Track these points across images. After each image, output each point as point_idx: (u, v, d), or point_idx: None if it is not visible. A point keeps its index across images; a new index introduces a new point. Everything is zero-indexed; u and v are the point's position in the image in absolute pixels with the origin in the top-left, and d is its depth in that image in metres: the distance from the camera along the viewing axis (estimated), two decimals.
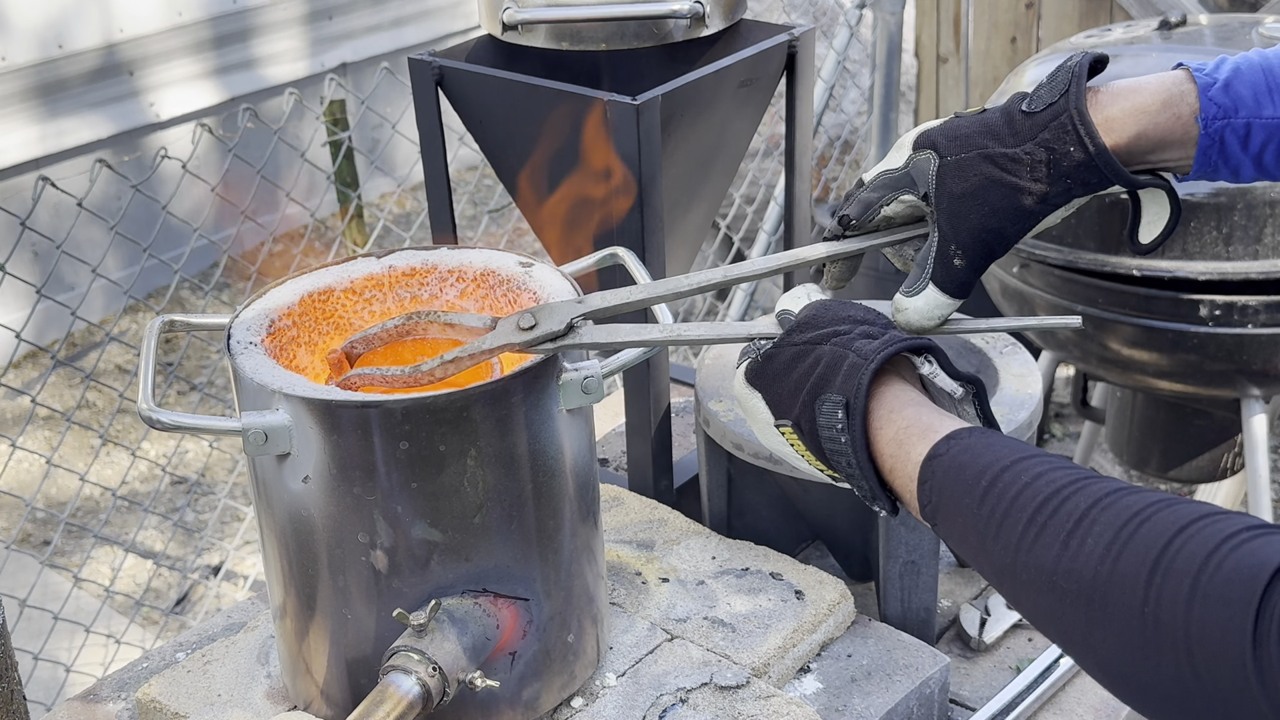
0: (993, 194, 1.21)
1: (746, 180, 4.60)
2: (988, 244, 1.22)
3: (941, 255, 1.23)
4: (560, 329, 1.26)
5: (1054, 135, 1.18)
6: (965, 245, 1.22)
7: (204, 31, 5.17)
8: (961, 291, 1.24)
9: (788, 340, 1.18)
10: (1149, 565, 0.86)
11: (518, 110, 1.63)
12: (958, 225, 1.22)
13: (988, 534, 0.99)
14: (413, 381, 1.28)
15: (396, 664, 1.26)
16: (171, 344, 4.74)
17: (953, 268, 1.23)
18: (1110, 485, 0.95)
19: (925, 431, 1.08)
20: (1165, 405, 2.95)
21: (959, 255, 1.23)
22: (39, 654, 2.94)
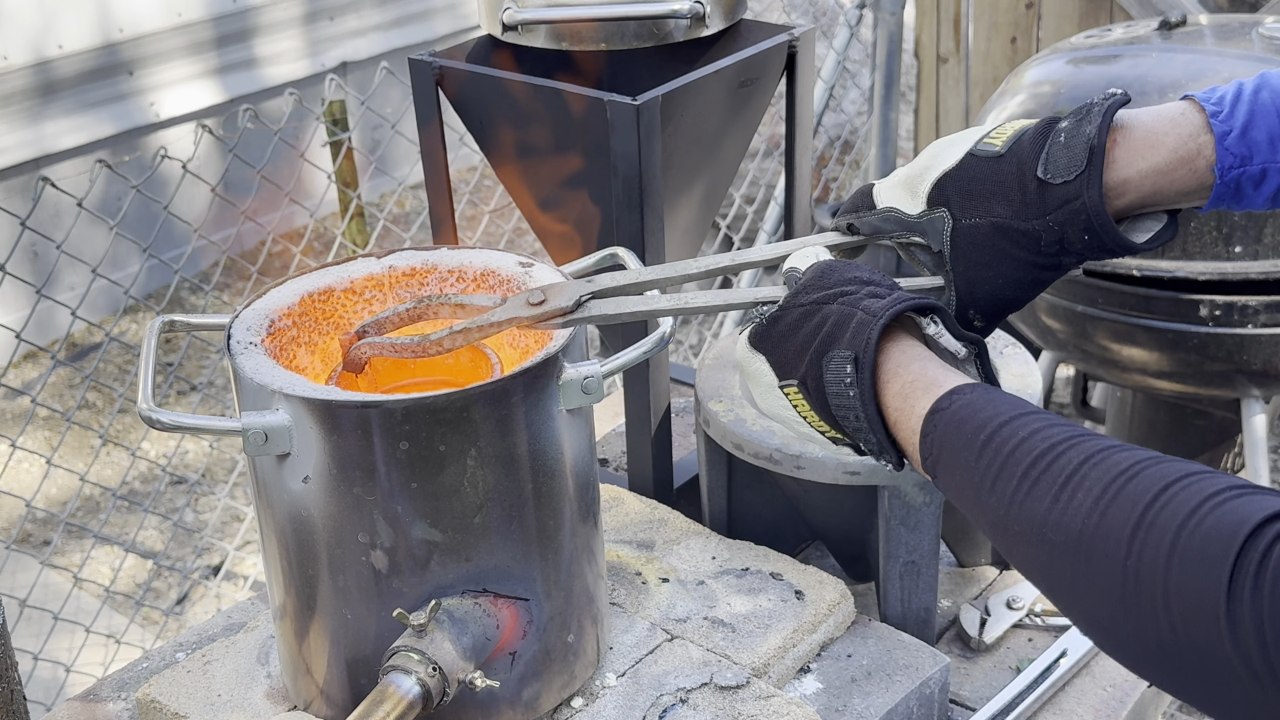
0: (1006, 267, 1.23)
1: (746, 180, 4.60)
2: (1003, 308, 1.27)
3: (961, 316, 1.27)
4: (569, 305, 1.27)
5: (1068, 218, 1.19)
6: (982, 309, 1.27)
7: (204, 31, 5.17)
8: (986, 334, 1.29)
9: (794, 301, 1.20)
10: (1133, 521, 0.88)
11: (518, 110, 1.63)
12: (974, 293, 1.26)
13: (983, 486, 1.01)
14: (421, 351, 1.29)
15: (396, 664, 1.26)
16: (171, 344, 4.74)
17: (975, 327, 1.28)
18: (1103, 443, 0.97)
19: (930, 386, 1.10)
20: (1165, 405, 2.95)
21: (978, 318, 1.28)
22: (39, 654, 2.95)
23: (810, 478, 1.53)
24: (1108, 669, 1.61)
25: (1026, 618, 1.65)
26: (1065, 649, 1.59)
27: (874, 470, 1.50)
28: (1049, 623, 1.65)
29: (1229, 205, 1.25)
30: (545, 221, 1.72)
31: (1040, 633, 1.65)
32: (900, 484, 1.50)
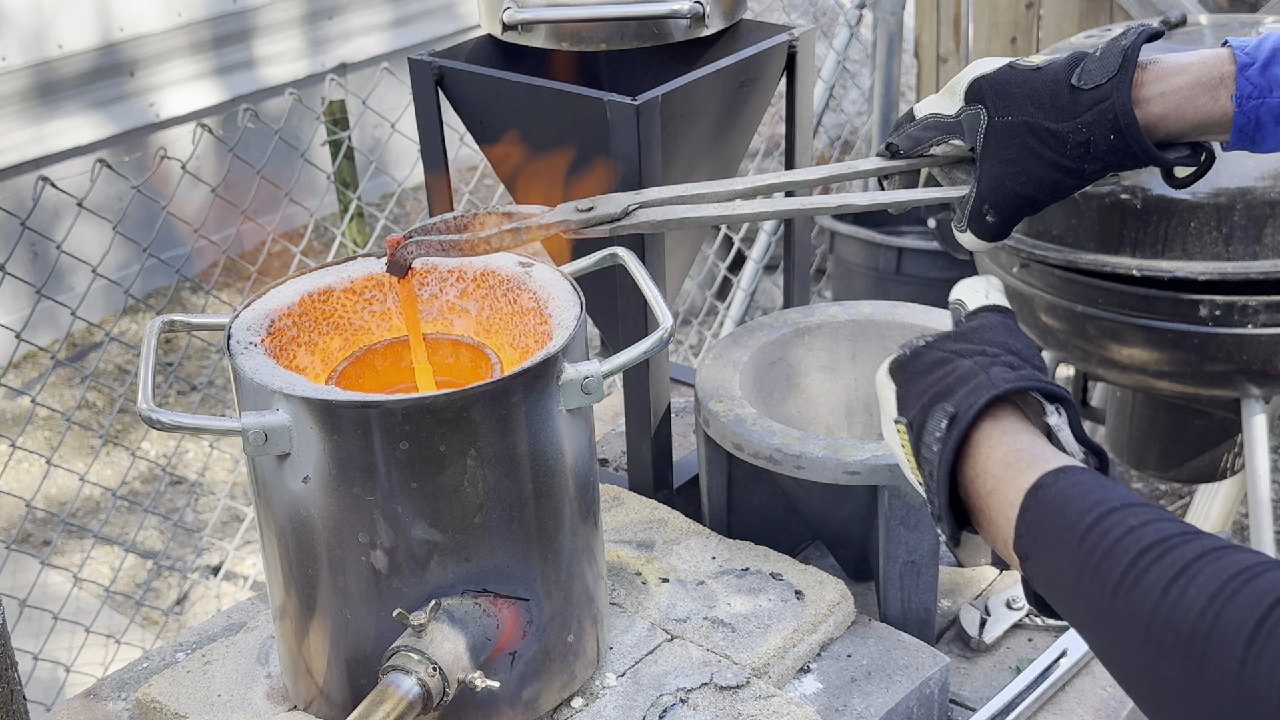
0: (1031, 165, 1.28)
1: None
2: (1019, 208, 1.32)
3: (976, 211, 1.34)
4: (617, 212, 1.28)
5: (1096, 119, 1.24)
6: (998, 206, 1.32)
7: (204, 31, 5.17)
8: (994, 238, 1.35)
9: (938, 344, 1.18)
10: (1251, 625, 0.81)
11: (518, 110, 1.63)
12: (995, 189, 1.31)
13: (1084, 573, 0.94)
14: (469, 249, 1.30)
15: (396, 664, 1.26)
16: (171, 344, 4.74)
17: (985, 222, 1.34)
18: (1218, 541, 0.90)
19: (1036, 460, 1.03)
20: (1165, 405, 2.94)
21: (991, 213, 1.33)
22: (39, 654, 2.94)
23: (810, 478, 1.53)
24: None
25: (1026, 618, 1.65)
26: (1065, 649, 1.59)
27: (874, 470, 1.50)
28: (1049, 623, 1.65)
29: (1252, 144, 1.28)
30: None
31: (1040, 633, 1.65)
32: (900, 484, 1.50)
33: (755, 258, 4.07)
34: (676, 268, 1.78)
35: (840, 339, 1.77)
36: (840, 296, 3.93)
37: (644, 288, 1.42)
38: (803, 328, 1.77)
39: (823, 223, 3.91)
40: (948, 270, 3.59)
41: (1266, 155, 2.36)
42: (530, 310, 1.41)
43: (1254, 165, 2.36)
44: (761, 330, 1.76)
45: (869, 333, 1.77)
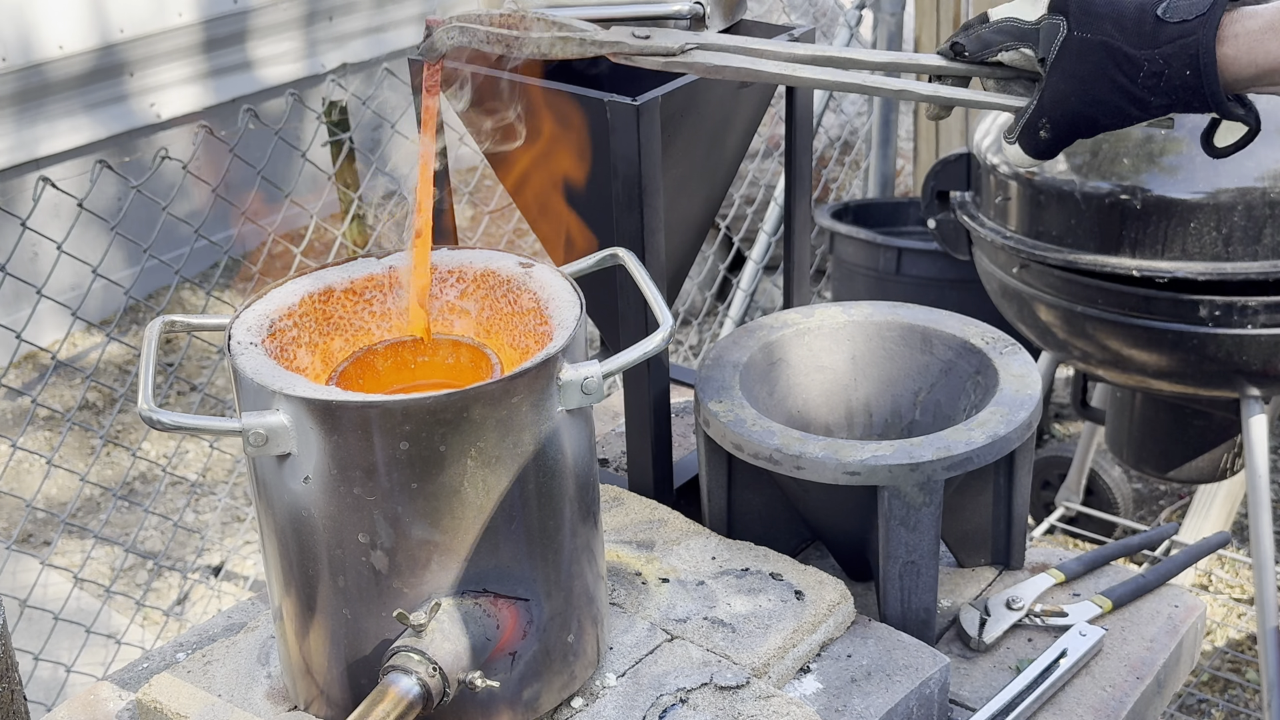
0: (1100, 86, 1.29)
1: (746, 180, 4.60)
2: (1077, 127, 1.32)
3: (1031, 124, 1.33)
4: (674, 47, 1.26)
5: (1176, 52, 1.25)
6: (1056, 122, 1.32)
7: (204, 32, 5.17)
8: (1042, 156, 1.34)
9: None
10: None
11: (518, 110, 1.63)
12: (1058, 103, 1.31)
13: None
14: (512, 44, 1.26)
15: (396, 664, 1.26)
16: (172, 345, 4.74)
17: (1038, 137, 1.33)
18: None
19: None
20: (1165, 405, 2.95)
21: (1046, 129, 1.33)
22: (39, 654, 2.94)
23: (810, 478, 1.53)
24: (1108, 669, 1.61)
25: (1026, 618, 1.66)
26: (1065, 649, 1.59)
27: (874, 470, 1.50)
28: (1049, 623, 1.65)
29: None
30: (545, 222, 1.72)
31: (1040, 633, 1.65)
32: (900, 484, 1.51)
33: (755, 258, 4.07)
34: (676, 267, 1.79)
35: (840, 339, 1.77)
36: (840, 296, 3.93)
37: (644, 288, 1.43)
38: (803, 328, 1.77)
39: (823, 223, 3.91)
40: (948, 270, 3.59)
41: (1266, 155, 2.36)
42: (530, 310, 1.41)
43: (1254, 165, 2.36)
44: (761, 330, 1.76)
45: (869, 333, 1.77)
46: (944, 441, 1.53)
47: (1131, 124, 1.31)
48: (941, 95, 1.41)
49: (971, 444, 1.52)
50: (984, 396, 1.64)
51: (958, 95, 1.41)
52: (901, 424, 1.76)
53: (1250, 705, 3.11)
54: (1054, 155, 1.36)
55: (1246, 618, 3.35)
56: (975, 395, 1.67)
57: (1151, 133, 2.43)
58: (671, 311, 1.40)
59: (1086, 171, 2.46)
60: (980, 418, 1.57)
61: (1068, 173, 2.49)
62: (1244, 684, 3.15)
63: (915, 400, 1.75)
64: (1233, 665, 3.24)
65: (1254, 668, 3.20)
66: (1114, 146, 2.45)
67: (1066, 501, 3.46)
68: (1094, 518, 3.47)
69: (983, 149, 2.70)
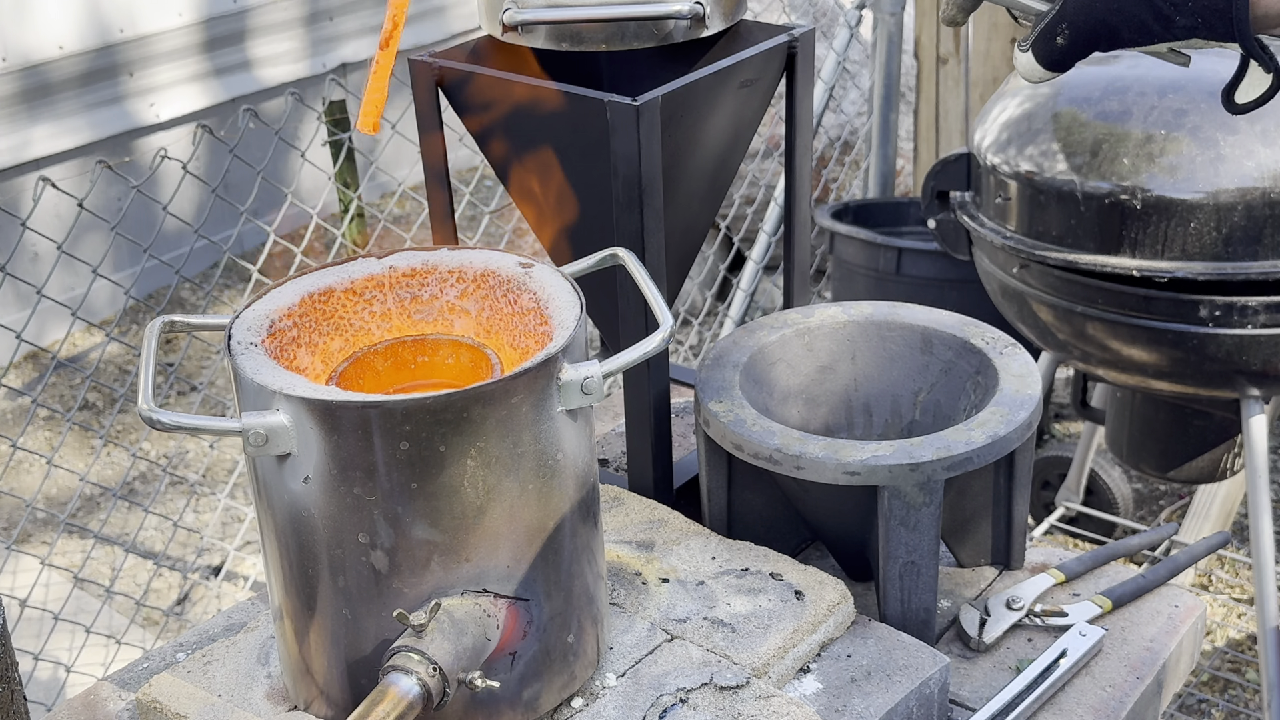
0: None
1: (746, 180, 4.60)
2: (1096, 36, 1.29)
3: (1049, 30, 1.29)
4: None
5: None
6: (1076, 28, 1.28)
7: (204, 32, 5.17)
8: (1056, 67, 1.31)
9: None
10: None
11: (518, 111, 1.63)
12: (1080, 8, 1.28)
13: None
14: None
15: (396, 664, 1.26)
16: (172, 345, 4.74)
17: (1054, 44, 1.30)
18: None
19: None
20: (1165, 405, 2.95)
21: (1064, 34, 1.29)
22: (39, 654, 2.95)
23: (810, 478, 1.53)
24: (1107, 669, 1.61)
25: (1026, 618, 1.66)
26: (1065, 649, 1.59)
27: (874, 470, 1.50)
28: (1049, 623, 1.65)
29: None
30: (545, 222, 1.72)
31: (1040, 633, 1.65)
32: (900, 484, 1.51)
33: (755, 258, 4.07)
34: (676, 267, 1.79)
35: (840, 339, 1.77)
36: (840, 296, 3.93)
37: (644, 288, 1.43)
38: (803, 328, 1.77)
39: (823, 223, 3.91)
40: (948, 271, 3.59)
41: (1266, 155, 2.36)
42: (530, 311, 1.41)
43: (1254, 165, 2.36)
44: (761, 330, 1.76)
45: (869, 333, 1.77)
46: (944, 441, 1.53)
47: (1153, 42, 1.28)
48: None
49: (971, 444, 1.52)
50: (984, 396, 1.64)
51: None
52: (901, 424, 1.76)
53: (1250, 705, 3.11)
54: (1067, 67, 1.32)
55: (1246, 618, 3.35)
56: (975, 395, 1.67)
57: (1151, 133, 2.43)
58: (671, 311, 1.40)
59: (1086, 171, 2.46)
60: (980, 418, 1.57)
61: (1068, 173, 2.49)
62: (1244, 684, 3.15)
63: (915, 400, 1.75)
64: (1233, 665, 3.24)
65: (1254, 668, 3.20)
66: (1114, 147, 2.45)
67: (1066, 501, 3.46)
68: (1094, 518, 3.47)
69: (983, 149, 2.70)
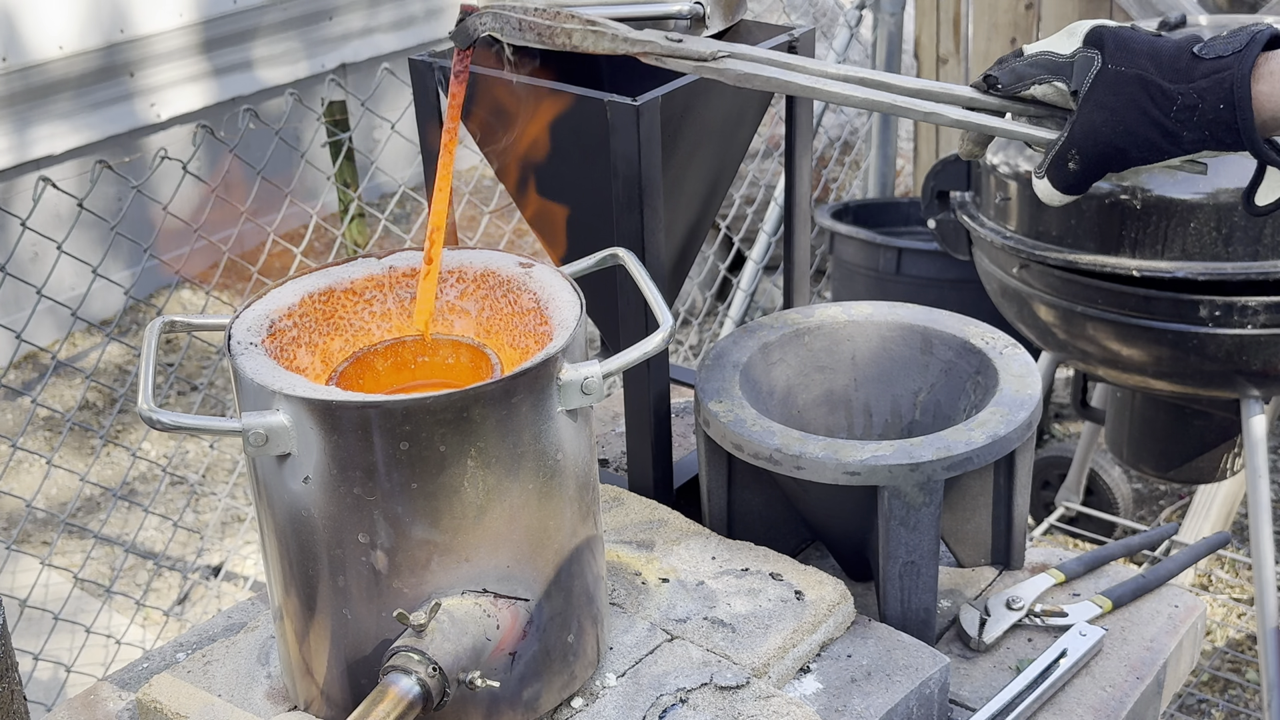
0: (1132, 118, 1.28)
1: (746, 180, 4.60)
2: (1106, 160, 1.31)
3: (1060, 157, 1.32)
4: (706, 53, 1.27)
5: (1210, 86, 1.25)
6: (1085, 154, 1.30)
7: (204, 32, 5.17)
8: (1071, 190, 1.33)
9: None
10: None
11: (517, 111, 1.63)
12: (1088, 134, 1.30)
13: None
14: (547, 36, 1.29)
15: (396, 664, 1.26)
16: (172, 345, 4.74)
17: (1067, 170, 1.32)
18: None
19: None
20: (1165, 405, 2.95)
21: (1075, 160, 1.31)
22: (39, 654, 2.94)
23: (810, 478, 1.53)
24: (1107, 669, 1.61)
25: (1026, 618, 1.66)
26: (1065, 649, 1.59)
27: (874, 470, 1.50)
28: (1049, 623, 1.65)
29: None
30: (545, 222, 1.72)
31: (1040, 633, 1.65)
32: (900, 484, 1.51)
33: (755, 258, 4.07)
34: (676, 268, 1.78)
35: (840, 339, 1.77)
36: (840, 296, 3.93)
37: (644, 288, 1.43)
38: (803, 328, 1.77)
39: (823, 223, 3.91)
40: (947, 271, 3.59)
41: None
42: (530, 311, 1.41)
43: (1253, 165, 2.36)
44: (761, 330, 1.76)
45: (869, 333, 1.77)
46: (944, 441, 1.53)
47: (1163, 159, 1.30)
48: (971, 121, 1.40)
49: (971, 444, 1.52)
50: (984, 396, 1.64)
51: (987, 123, 1.40)
52: (901, 424, 1.76)
53: (1250, 705, 3.11)
54: (1083, 190, 1.34)
55: (1246, 618, 3.35)
56: (975, 395, 1.67)
57: None
58: (671, 311, 1.40)
59: None
60: (980, 418, 1.57)
61: None
62: (1244, 684, 3.15)
63: (915, 400, 1.75)
64: (1233, 665, 3.24)
65: (1254, 668, 3.20)
66: None
67: (1066, 501, 3.46)
68: (1094, 518, 3.47)
69: None
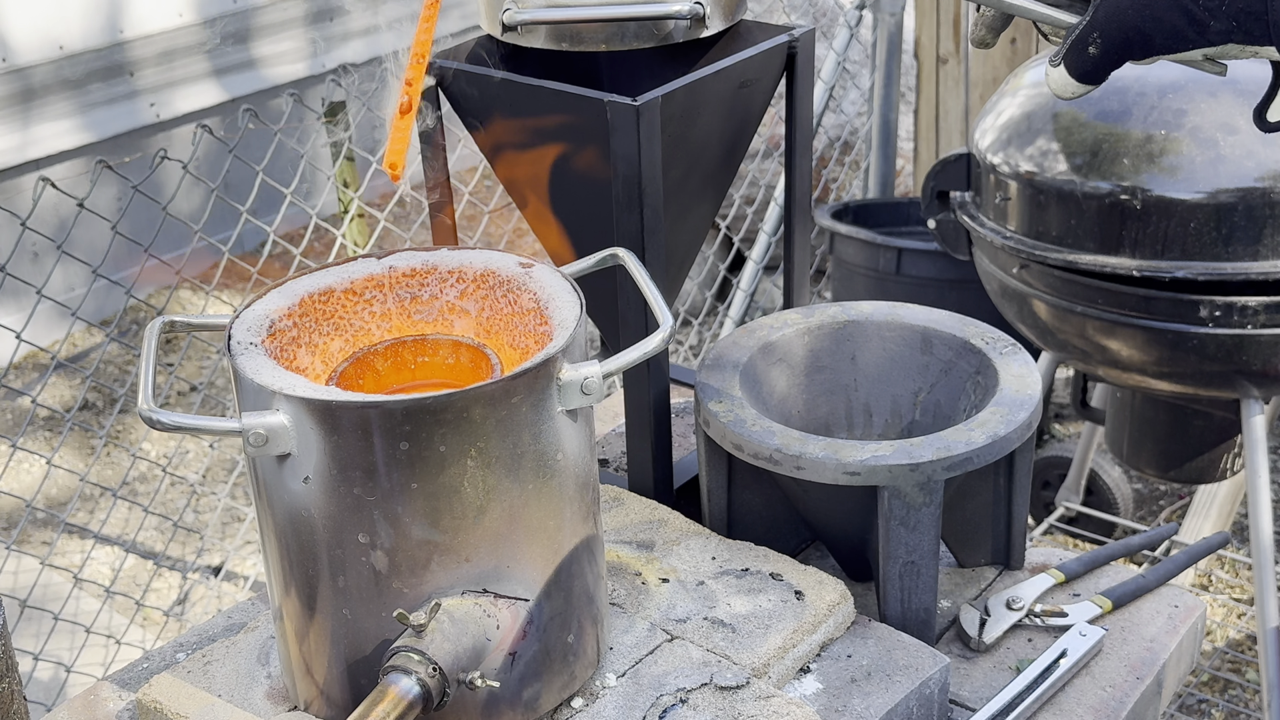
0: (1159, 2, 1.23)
1: (746, 180, 4.60)
2: (1129, 45, 1.26)
3: (1080, 40, 1.27)
4: None
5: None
6: (1108, 37, 1.26)
7: (204, 32, 5.17)
8: (1088, 79, 1.28)
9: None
10: None
11: (518, 110, 1.63)
12: (1112, 17, 1.25)
13: None
14: None
15: (396, 664, 1.26)
16: (172, 345, 4.74)
17: (1086, 55, 1.27)
18: None
19: None
20: (1165, 405, 2.95)
21: (1096, 44, 1.26)
22: (39, 654, 2.95)
23: (810, 478, 1.53)
24: (1107, 669, 1.61)
25: (1026, 618, 1.66)
26: (1065, 649, 1.59)
27: (873, 470, 1.50)
28: (1049, 623, 1.65)
29: None
30: (545, 222, 1.72)
31: (1040, 633, 1.65)
32: (900, 484, 1.51)
33: (755, 258, 4.07)
34: (676, 268, 1.79)
35: (840, 339, 1.77)
36: (840, 296, 3.94)
37: (644, 288, 1.43)
38: (803, 328, 1.77)
39: (823, 223, 3.91)
40: (947, 270, 3.59)
41: (1266, 155, 2.36)
42: (530, 311, 1.41)
43: (1254, 166, 2.36)
44: (761, 330, 1.76)
45: (869, 333, 1.77)
46: (944, 441, 1.53)
47: (1188, 49, 1.25)
48: None
49: (971, 444, 1.52)
50: (984, 396, 1.64)
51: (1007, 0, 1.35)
52: (901, 424, 1.76)
53: (1250, 705, 3.11)
54: (1100, 79, 1.29)
55: (1246, 618, 3.35)
56: (975, 395, 1.67)
57: (1151, 133, 2.43)
58: (671, 311, 1.40)
59: (1086, 171, 2.46)
60: (980, 418, 1.57)
61: (1068, 173, 2.49)
62: (1244, 684, 3.15)
63: (915, 400, 1.75)
64: (1233, 665, 3.24)
65: (1254, 668, 3.20)
66: (1114, 146, 2.45)
67: (1066, 501, 3.46)
68: (1094, 518, 3.47)
69: (983, 149, 2.70)
